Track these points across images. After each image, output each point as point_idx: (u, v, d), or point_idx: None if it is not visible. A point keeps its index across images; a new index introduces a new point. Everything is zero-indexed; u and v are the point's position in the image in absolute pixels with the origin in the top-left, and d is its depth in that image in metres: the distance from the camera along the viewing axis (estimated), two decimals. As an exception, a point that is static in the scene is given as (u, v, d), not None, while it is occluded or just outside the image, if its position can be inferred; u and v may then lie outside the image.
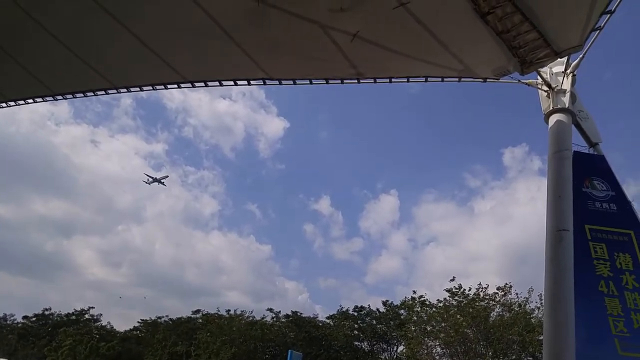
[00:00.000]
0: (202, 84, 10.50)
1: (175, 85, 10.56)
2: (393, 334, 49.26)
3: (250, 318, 54.10)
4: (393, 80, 10.45)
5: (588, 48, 10.40)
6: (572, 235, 8.55)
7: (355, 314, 53.29)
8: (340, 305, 54.03)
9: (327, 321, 54.57)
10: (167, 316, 67.45)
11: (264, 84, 10.24)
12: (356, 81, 10.22)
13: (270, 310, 54.94)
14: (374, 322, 51.57)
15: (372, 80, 10.37)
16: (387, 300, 52.11)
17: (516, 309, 35.97)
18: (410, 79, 10.49)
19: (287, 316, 55.31)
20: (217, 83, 10.42)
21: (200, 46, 9.40)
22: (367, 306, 52.11)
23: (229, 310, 53.85)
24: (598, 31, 9.43)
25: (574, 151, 10.39)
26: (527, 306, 36.48)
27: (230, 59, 9.56)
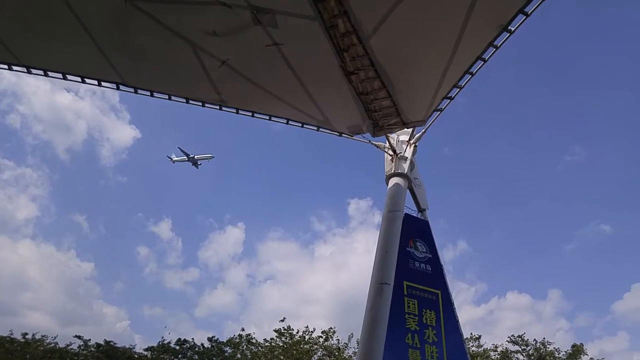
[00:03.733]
0: (41, 72, 9.31)
1: (5, 66, 9.18)
2: (214, 372, 47.56)
3: (52, 345, 47.22)
4: (256, 115, 10.56)
5: (430, 124, 11.84)
6: (392, 289, 9.32)
7: (177, 347, 50.16)
8: (162, 337, 50.16)
9: (145, 353, 50.19)
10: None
11: (117, 88, 9.45)
12: (218, 107, 10.10)
13: (79, 337, 48.57)
14: (196, 357, 49.05)
15: (234, 110, 10.31)
16: (213, 336, 50.21)
17: (336, 353, 37.80)
18: (273, 118, 10.72)
19: (98, 345, 49.44)
20: (60, 75, 9.33)
21: (48, 32, 8.34)
22: (192, 340, 49.66)
23: (26, 334, 46.46)
24: (439, 112, 10.86)
25: (405, 213, 11.48)
26: (346, 352, 38.60)
27: (83, 54, 8.65)
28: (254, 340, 40.75)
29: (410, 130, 12.41)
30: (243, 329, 42.64)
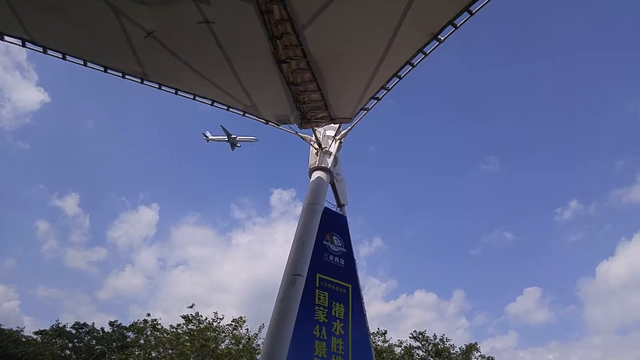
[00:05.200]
0: None
1: None
2: (113, 357, 45.10)
3: None
4: (179, 93, 10.10)
5: (357, 122, 12.05)
6: (304, 280, 9.39)
7: (74, 331, 46.93)
8: (57, 320, 46.50)
9: (35, 337, 46.41)
10: None
11: (23, 45, 8.53)
12: (139, 80, 9.53)
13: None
14: (94, 342, 46.20)
15: (157, 85, 9.79)
16: (115, 321, 47.54)
17: (244, 342, 37.60)
18: (197, 98, 10.32)
19: (-25, 326, 44.72)
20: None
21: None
22: (92, 324, 46.78)
23: None
24: (366, 111, 11.10)
25: (325, 207, 11.63)
26: (255, 342, 38.55)
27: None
28: (159, 326, 39.23)
29: (337, 126, 12.57)
30: (149, 314, 40.83)
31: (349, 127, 12.84)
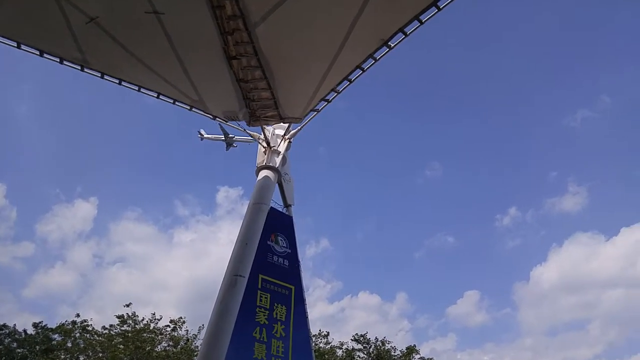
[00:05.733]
0: None
1: None
2: (34, 361, 42.18)
3: None
4: (123, 83, 9.59)
5: (307, 122, 12.02)
6: (246, 281, 9.23)
7: (-9, 332, 43.45)
8: (-31, 320, 42.75)
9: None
10: None
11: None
12: (79, 68, 8.97)
13: None
14: (15, 345, 42.95)
15: (99, 74, 9.22)
16: (40, 322, 44.40)
17: (183, 344, 36.50)
18: (142, 90, 9.84)
19: None
20: None
21: None
22: (13, 325, 43.46)
23: None
24: (316, 112, 11.08)
25: (271, 207, 11.50)
26: (194, 343, 37.51)
27: None
28: (90, 328, 37.03)
29: (286, 125, 12.49)
30: (78, 315, 38.33)
31: (299, 127, 12.80)
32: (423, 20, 7.63)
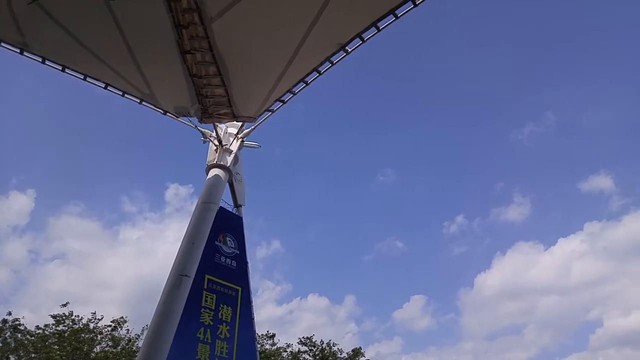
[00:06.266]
0: None
1: None
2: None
3: None
4: (67, 70, 9.12)
5: (260, 122, 11.92)
6: (191, 282, 9.01)
7: None
8: None
9: None
10: None
11: None
12: (18, 51, 8.44)
13: None
14: None
15: (40, 59, 8.77)
16: (-38, 322, 41.55)
17: (124, 344, 35.20)
18: (88, 79, 9.42)
19: None
20: None
21: None
22: None
23: None
24: (271, 112, 10.99)
25: (220, 206, 11.31)
26: (136, 344, 36.25)
27: None
28: (22, 327, 35.02)
29: (239, 124, 12.33)
30: (10, 313, 36.33)
31: (253, 127, 12.67)
32: (380, 27, 7.76)
